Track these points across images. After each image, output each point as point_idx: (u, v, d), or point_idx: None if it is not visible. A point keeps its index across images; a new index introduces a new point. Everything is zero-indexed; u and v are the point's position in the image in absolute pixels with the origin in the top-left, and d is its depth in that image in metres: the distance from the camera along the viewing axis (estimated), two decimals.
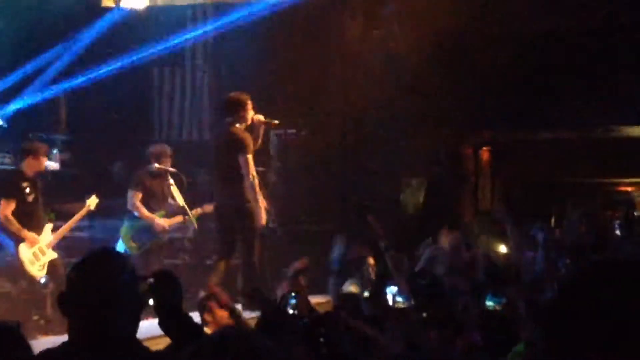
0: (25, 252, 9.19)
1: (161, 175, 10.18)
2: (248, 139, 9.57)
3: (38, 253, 9.25)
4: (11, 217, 9.23)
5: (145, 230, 10.17)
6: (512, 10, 13.48)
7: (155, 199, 10.26)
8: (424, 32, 13.62)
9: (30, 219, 9.34)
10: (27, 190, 9.34)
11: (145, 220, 10.12)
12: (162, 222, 10.15)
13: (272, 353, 2.30)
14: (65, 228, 9.74)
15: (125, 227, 10.19)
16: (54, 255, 9.37)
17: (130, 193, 10.18)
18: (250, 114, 9.75)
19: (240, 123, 9.66)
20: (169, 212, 10.33)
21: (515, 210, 15.00)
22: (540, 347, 4.03)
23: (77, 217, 9.88)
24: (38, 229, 9.38)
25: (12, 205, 9.24)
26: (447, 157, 15.27)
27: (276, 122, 10.19)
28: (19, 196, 9.29)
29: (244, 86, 13.82)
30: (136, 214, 10.15)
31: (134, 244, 10.19)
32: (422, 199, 14.80)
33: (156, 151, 10.30)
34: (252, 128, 9.82)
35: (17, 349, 3.34)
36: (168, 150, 10.35)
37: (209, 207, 10.42)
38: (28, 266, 9.17)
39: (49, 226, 9.51)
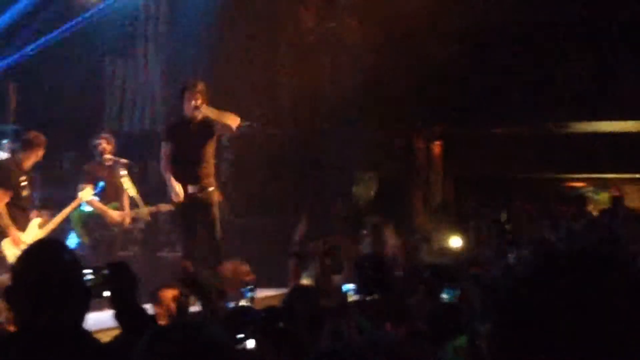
0: (8, 247, 8.98)
1: (112, 166, 10.03)
2: (166, 125, 9.48)
3: (23, 247, 9.06)
4: (3, 211, 9.03)
5: (97, 220, 10.03)
6: (464, 6, 13.56)
7: (107, 191, 10.10)
8: (378, 25, 13.66)
9: (22, 215, 9.17)
10: (23, 184, 9.16)
11: (98, 211, 9.98)
12: (115, 214, 10.00)
13: (223, 345, 2.30)
14: (56, 221, 9.57)
15: (76, 214, 10.03)
16: None
17: (80, 186, 10.00)
18: (192, 103, 9.08)
19: (185, 112, 9.19)
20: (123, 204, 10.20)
21: (466, 204, 15.13)
22: (492, 342, 4.05)
23: (68, 209, 9.73)
24: (26, 223, 9.23)
25: (7, 199, 9.05)
26: (399, 151, 15.33)
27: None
28: (15, 190, 9.11)
29: (196, 76, 13.79)
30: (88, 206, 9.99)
31: (84, 232, 10.08)
32: (374, 192, 14.84)
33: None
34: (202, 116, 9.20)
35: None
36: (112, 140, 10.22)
37: (164, 207, 10.31)
38: (12, 259, 8.98)
39: (36, 221, 9.34)
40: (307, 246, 10.09)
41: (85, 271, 3.19)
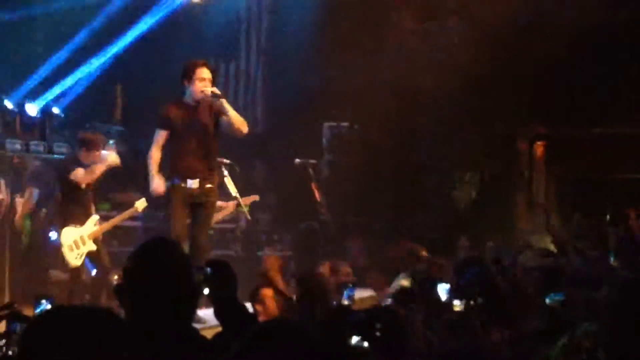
0: (67, 236, 9.19)
1: None
2: (162, 109, 8.20)
3: (78, 241, 9.23)
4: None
5: None
6: (567, 3, 13.33)
7: None
8: (479, 25, 13.54)
9: (79, 206, 9.35)
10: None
11: None
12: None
13: (322, 345, 2.30)
14: (111, 223, 9.73)
15: None
16: (92, 247, 9.30)
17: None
18: (199, 85, 8.08)
19: (187, 95, 8.15)
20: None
21: (569, 206, 14.86)
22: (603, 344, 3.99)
23: (123, 216, 9.86)
24: (85, 216, 9.38)
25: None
26: (501, 152, 15.16)
27: (211, 91, 8.12)
28: (71, 184, 9.30)
29: (297, 78, 13.91)
30: None
31: None
32: (475, 194, 14.71)
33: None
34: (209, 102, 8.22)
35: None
36: None
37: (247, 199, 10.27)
38: (66, 251, 9.15)
39: (94, 217, 9.45)
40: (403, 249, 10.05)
41: None
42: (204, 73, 8.14)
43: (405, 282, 8.18)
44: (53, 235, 9.33)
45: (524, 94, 13.94)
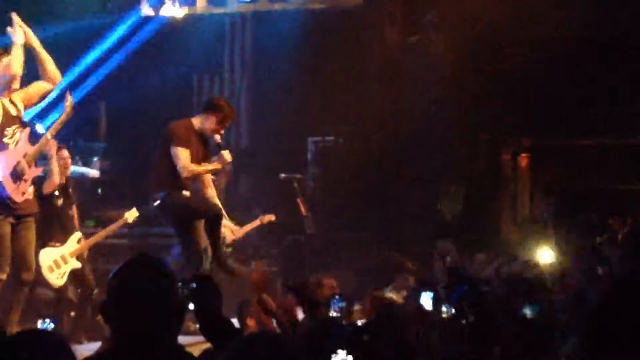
0: (45, 258, 9.08)
1: None
2: (181, 130, 8.24)
3: (59, 261, 9.12)
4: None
5: None
6: (551, 16, 13.40)
7: None
8: (463, 38, 13.60)
9: (58, 225, 9.26)
10: (56, 193, 9.27)
11: None
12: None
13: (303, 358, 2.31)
14: (97, 237, 9.66)
15: None
16: (77, 264, 9.23)
17: None
18: (219, 130, 8.40)
19: (202, 123, 8.36)
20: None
21: (556, 218, 14.90)
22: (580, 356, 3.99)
23: (112, 227, 9.79)
24: (65, 235, 9.31)
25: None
26: (485, 164, 15.19)
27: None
28: (48, 201, 9.22)
29: (281, 93, 13.92)
30: None
31: None
32: (461, 206, 14.72)
33: None
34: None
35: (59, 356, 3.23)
36: None
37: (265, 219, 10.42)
38: (46, 272, 9.03)
39: (76, 235, 9.35)
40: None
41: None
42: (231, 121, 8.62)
43: (392, 295, 8.18)
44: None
45: (508, 105, 14.00)
